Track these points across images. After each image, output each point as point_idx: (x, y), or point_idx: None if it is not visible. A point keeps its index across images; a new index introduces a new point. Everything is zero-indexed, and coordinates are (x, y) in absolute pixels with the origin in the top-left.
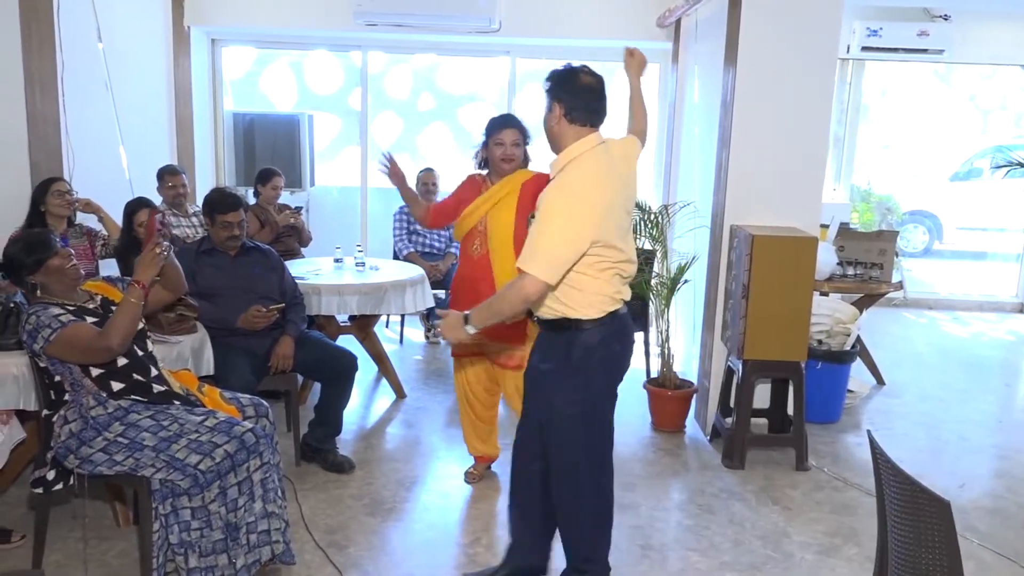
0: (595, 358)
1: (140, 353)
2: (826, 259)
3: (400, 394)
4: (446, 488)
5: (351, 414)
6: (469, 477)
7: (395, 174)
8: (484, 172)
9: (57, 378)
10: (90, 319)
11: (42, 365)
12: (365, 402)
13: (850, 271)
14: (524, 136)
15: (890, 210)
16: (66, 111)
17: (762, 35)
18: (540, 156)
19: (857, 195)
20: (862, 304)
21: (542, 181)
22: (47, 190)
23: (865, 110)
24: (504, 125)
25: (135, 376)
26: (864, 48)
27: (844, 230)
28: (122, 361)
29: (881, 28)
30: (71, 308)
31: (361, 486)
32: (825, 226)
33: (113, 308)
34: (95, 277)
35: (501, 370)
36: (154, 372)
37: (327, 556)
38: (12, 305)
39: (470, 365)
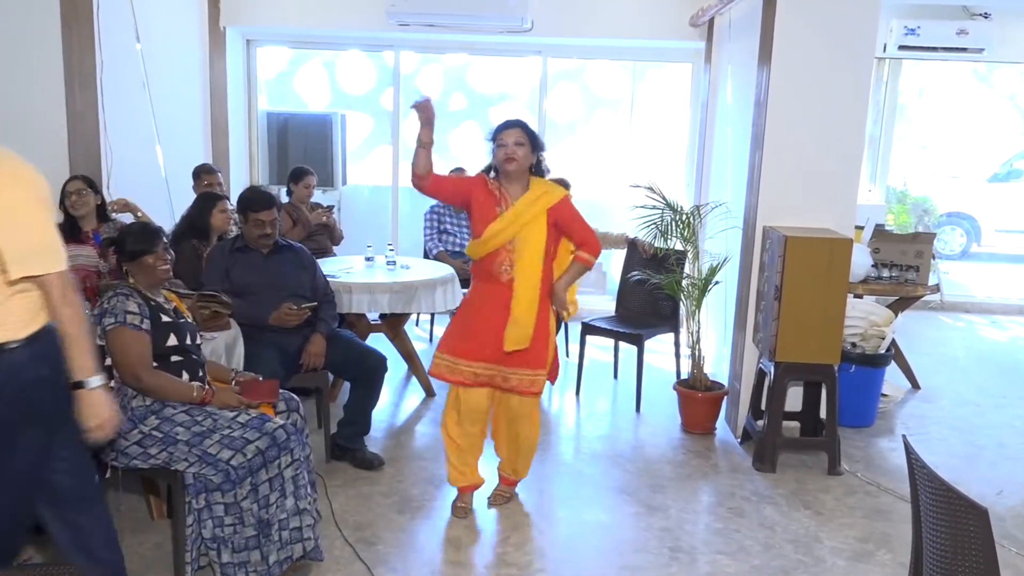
0: None
1: (194, 355)
2: (861, 261)
3: (429, 392)
4: None
5: (381, 412)
6: (459, 512)
7: (425, 110)
8: (493, 178)
9: (107, 361)
10: (164, 318)
11: (100, 343)
12: (395, 400)
13: (885, 273)
14: (531, 138)
15: (927, 212)
16: (104, 109)
17: (797, 34)
18: (560, 165)
19: (893, 196)
20: (897, 307)
21: (565, 203)
22: (63, 190)
23: (902, 110)
24: (505, 126)
25: (185, 374)
26: (901, 47)
27: (879, 232)
28: (176, 356)
29: (919, 27)
30: (152, 304)
31: (390, 483)
32: (860, 227)
33: (182, 320)
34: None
35: (510, 395)
36: (201, 374)
37: (356, 552)
38: None
39: (474, 390)
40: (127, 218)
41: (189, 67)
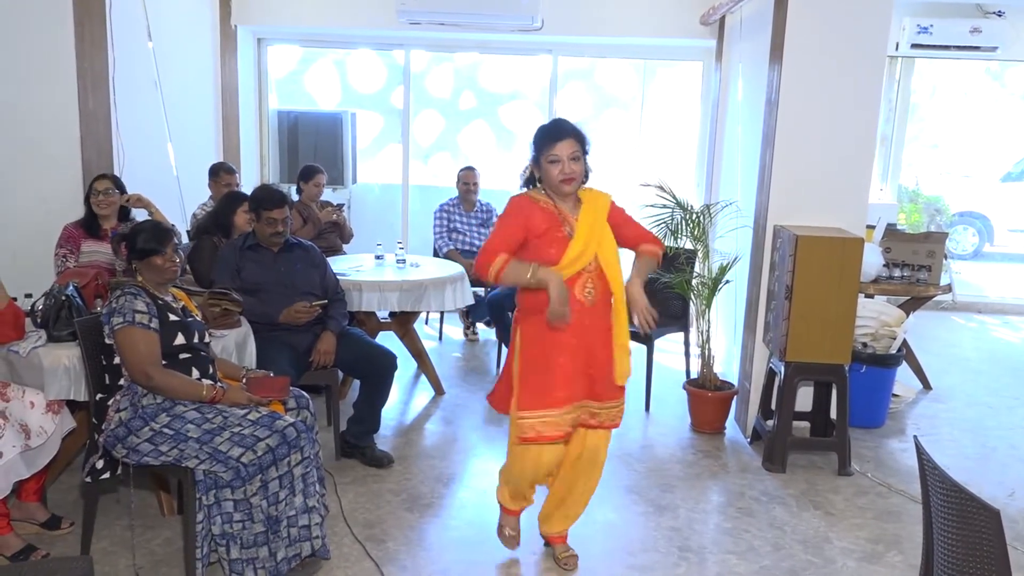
0: None
1: (203, 352)
2: (872, 260)
3: (439, 391)
4: (483, 485)
5: (390, 410)
6: (511, 542)
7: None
8: (540, 192)
9: (116, 360)
10: (172, 316)
11: (108, 342)
12: (404, 398)
13: (897, 273)
14: (583, 145)
15: (939, 211)
16: (117, 108)
17: (808, 32)
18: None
19: (905, 196)
20: (909, 307)
21: (614, 206)
22: (91, 187)
23: (914, 109)
24: (558, 135)
25: (194, 370)
26: (914, 45)
27: (891, 231)
28: (184, 354)
29: (932, 25)
30: (159, 303)
31: (399, 481)
32: (871, 227)
33: (190, 318)
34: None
35: (587, 432)
36: (211, 370)
37: (365, 550)
38: (64, 298)
39: (550, 447)
40: (142, 214)
41: (200, 66)
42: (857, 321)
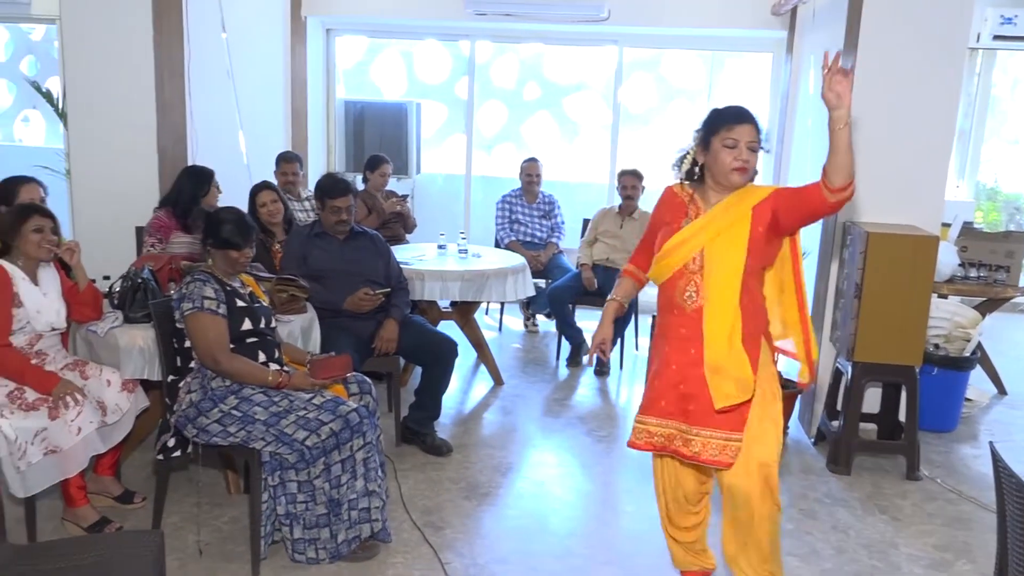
0: None
1: (269, 337)
2: (947, 260)
3: (498, 381)
4: (541, 476)
5: (449, 399)
6: None
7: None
8: (687, 183)
9: (187, 343)
10: (239, 303)
11: (179, 326)
12: (463, 388)
13: (973, 273)
14: (760, 137)
15: (1019, 210)
16: (191, 98)
17: (885, 23)
18: (635, 155)
19: (983, 193)
20: (985, 308)
21: (778, 191)
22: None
23: (994, 103)
24: (740, 117)
25: (260, 354)
26: (996, 37)
27: (967, 230)
28: (251, 339)
29: (1016, 15)
30: (227, 289)
31: (458, 469)
32: (947, 225)
33: (257, 304)
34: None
35: (704, 468)
36: (277, 354)
37: (424, 536)
38: (140, 281)
39: (664, 460)
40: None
41: (271, 56)
42: (930, 322)
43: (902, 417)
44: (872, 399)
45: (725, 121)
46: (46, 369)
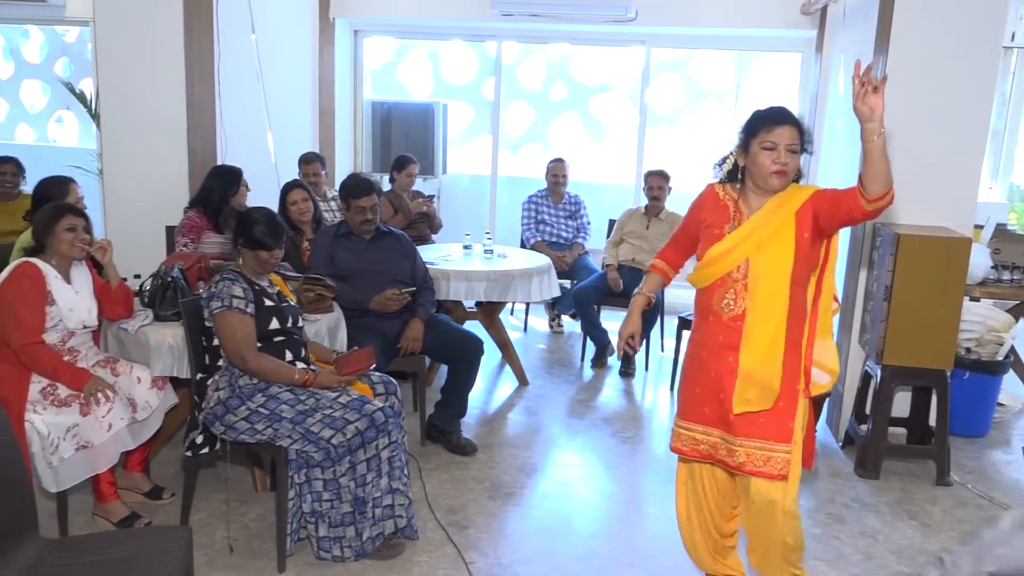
0: None
1: (296, 336)
2: (979, 262)
3: (523, 381)
4: (565, 477)
5: (474, 399)
6: None
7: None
8: (730, 185)
9: (215, 342)
10: (267, 302)
11: (208, 324)
12: (488, 388)
13: (1006, 276)
14: (803, 139)
15: None
16: (221, 98)
17: (918, 22)
18: (662, 156)
19: (1017, 194)
20: (1018, 312)
21: (818, 192)
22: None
23: None
24: (780, 119)
25: (287, 353)
26: None
27: (1001, 231)
28: (279, 337)
29: None
30: (256, 288)
31: (482, 469)
32: (980, 227)
33: (285, 303)
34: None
35: (745, 477)
36: (304, 353)
37: (448, 535)
38: (170, 279)
39: (699, 467)
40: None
41: (300, 57)
42: (961, 325)
43: (932, 421)
44: (902, 403)
45: (764, 123)
46: (78, 366)
